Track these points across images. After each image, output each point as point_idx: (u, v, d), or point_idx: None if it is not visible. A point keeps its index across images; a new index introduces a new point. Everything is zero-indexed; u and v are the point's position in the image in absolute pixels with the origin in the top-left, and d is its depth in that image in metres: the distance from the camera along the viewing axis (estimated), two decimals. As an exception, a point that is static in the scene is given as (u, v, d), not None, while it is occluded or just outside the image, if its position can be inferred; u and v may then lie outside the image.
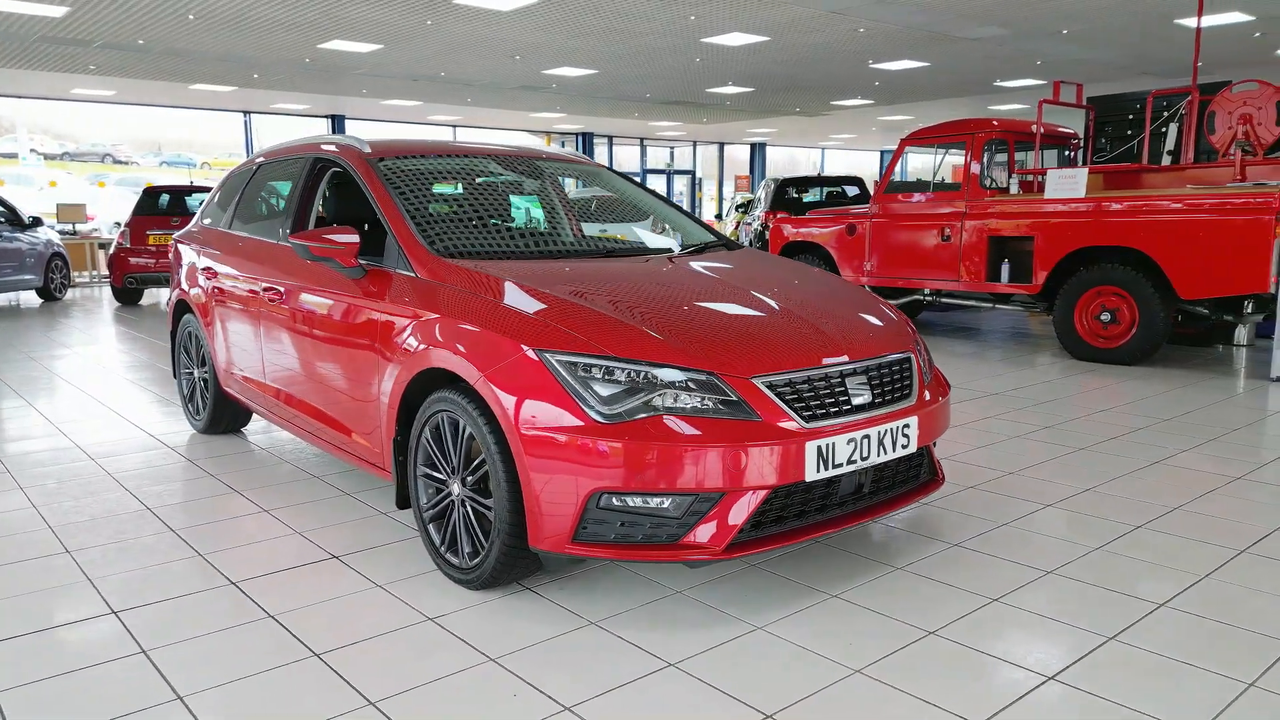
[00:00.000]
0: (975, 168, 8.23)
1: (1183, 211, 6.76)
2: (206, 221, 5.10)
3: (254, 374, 4.22)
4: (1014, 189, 8.29)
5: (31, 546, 3.32)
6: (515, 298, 2.87)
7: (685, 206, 22.83)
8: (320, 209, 4.14)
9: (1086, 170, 7.46)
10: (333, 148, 3.93)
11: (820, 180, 15.13)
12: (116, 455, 4.56)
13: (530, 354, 2.62)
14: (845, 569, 3.06)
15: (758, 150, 32.86)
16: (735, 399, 2.57)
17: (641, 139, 29.58)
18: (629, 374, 2.56)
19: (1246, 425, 5.06)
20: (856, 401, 2.78)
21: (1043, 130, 8.42)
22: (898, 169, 9.00)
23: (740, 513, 2.55)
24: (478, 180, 3.88)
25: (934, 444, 3.18)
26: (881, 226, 8.90)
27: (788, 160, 34.54)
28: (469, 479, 2.85)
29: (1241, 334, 8.22)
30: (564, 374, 2.57)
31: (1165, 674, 2.35)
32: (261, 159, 4.72)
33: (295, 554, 3.23)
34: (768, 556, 3.13)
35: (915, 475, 3.11)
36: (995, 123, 8.40)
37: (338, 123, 23.59)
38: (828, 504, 2.79)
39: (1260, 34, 11.98)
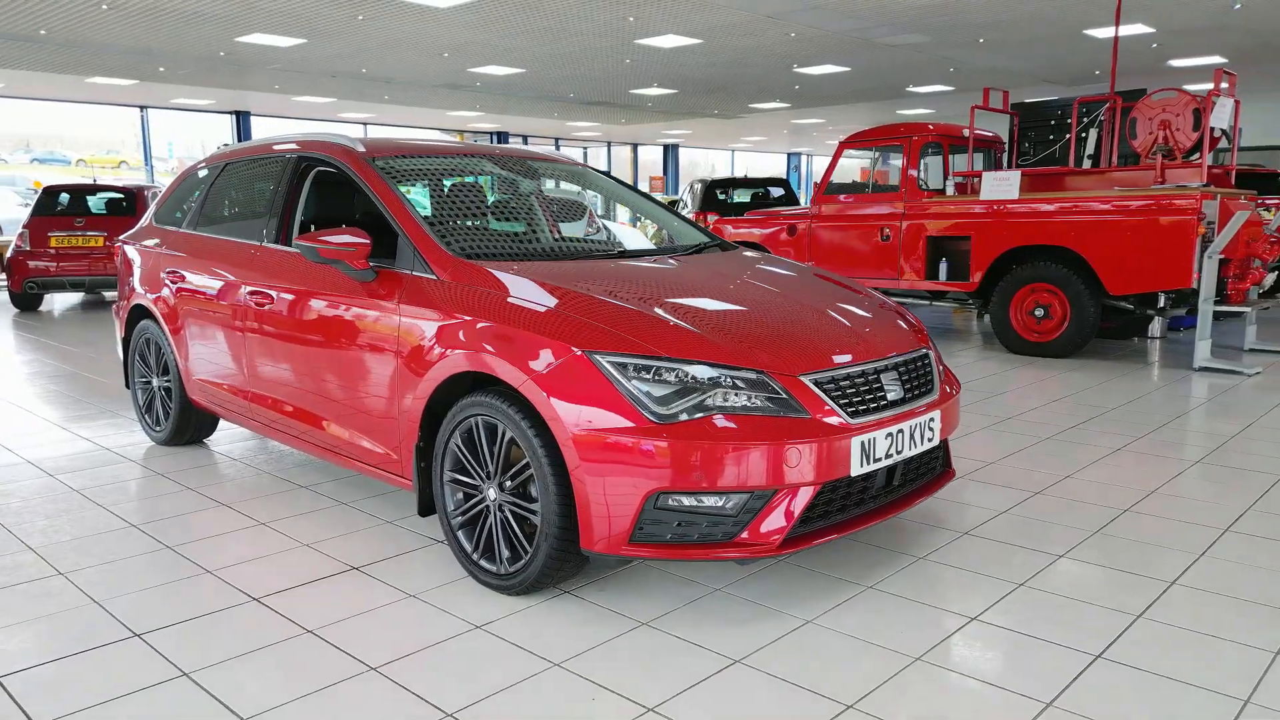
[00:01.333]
0: (913, 170, 8.52)
1: (1112, 212, 7.16)
2: (159, 224, 4.87)
3: (234, 382, 4.05)
4: (950, 191, 8.62)
5: (19, 570, 3.11)
6: (551, 299, 2.84)
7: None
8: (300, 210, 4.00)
9: (1020, 173, 7.81)
10: (321, 147, 3.80)
11: (748, 181, 15.41)
12: (77, 471, 4.30)
13: (580, 356, 2.61)
14: (869, 560, 3.14)
15: (671, 151, 33.16)
16: (785, 397, 2.61)
17: (557, 139, 29.50)
18: (680, 374, 2.58)
19: (1186, 412, 5.40)
20: (890, 397, 2.87)
21: (966, 134, 8.78)
22: (823, 171, 9.24)
23: (794, 509, 2.59)
24: (480, 180, 3.83)
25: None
26: (822, 227, 9.11)
27: (690, 163, 34.88)
28: (507, 483, 2.81)
29: (1156, 327, 8.76)
30: (616, 375, 2.57)
31: (1197, 646, 2.51)
32: (227, 158, 4.54)
33: (311, 567, 3.12)
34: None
35: (933, 467, 3.22)
36: (931, 127, 8.71)
37: (242, 119, 22.74)
38: (864, 498, 2.86)
39: (1156, 45, 12.77)
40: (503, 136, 28.34)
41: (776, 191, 15.10)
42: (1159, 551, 3.21)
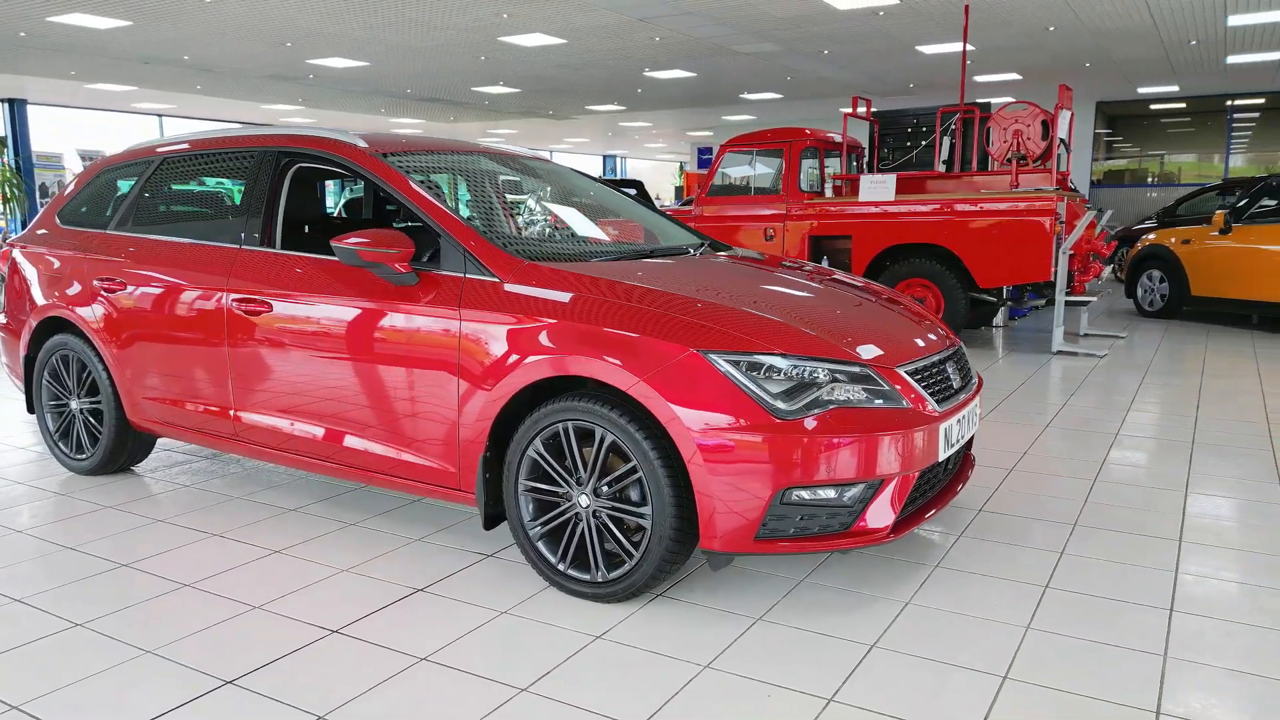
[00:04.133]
0: (795, 173, 8.94)
1: (981, 213, 7.86)
2: (67, 225, 4.32)
3: (210, 400, 3.66)
4: (828, 192, 9.12)
5: (22, 625, 2.69)
6: (641, 300, 2.80)
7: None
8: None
9: (895, 176, 8.40)
10: (312, 142, 3.53)
11: (603, 183, 15.48)
12: (8, 509, 3.75)
13: (697, 356, 2.60)
14: (916, 540, 3.32)
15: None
16: (887, 388, 2.72)
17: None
18: (795, 370, 2.63)
19: (1076, 391, 6.03)
20: (955, 385, 3.05)
21: (837, 139, 9.34)
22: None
23: (900, 495, 2.71)
24: (499, 180, 3.69)
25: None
26: (706, 228, 9.37)
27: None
28: (603, 488, 2.75)
29: (1000, 317, 9.67)
30: (735, 374, 2.58)
31: (1246, 594, 2.86)
32: (162, 152, 4.09)
33: (369, 593, 2.91)
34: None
35: (964, 453, 3.45)
36: (808, 132, 9.18)
37: (17, 107, 20.28)
38: (935, 483, 3.03)
39: (971, 61, 14.06)
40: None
41: (630, 193, 15.30)
42: (1154, 515, 3.61)
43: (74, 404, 4.23)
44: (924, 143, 10.02)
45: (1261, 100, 20.04)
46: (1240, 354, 7.45)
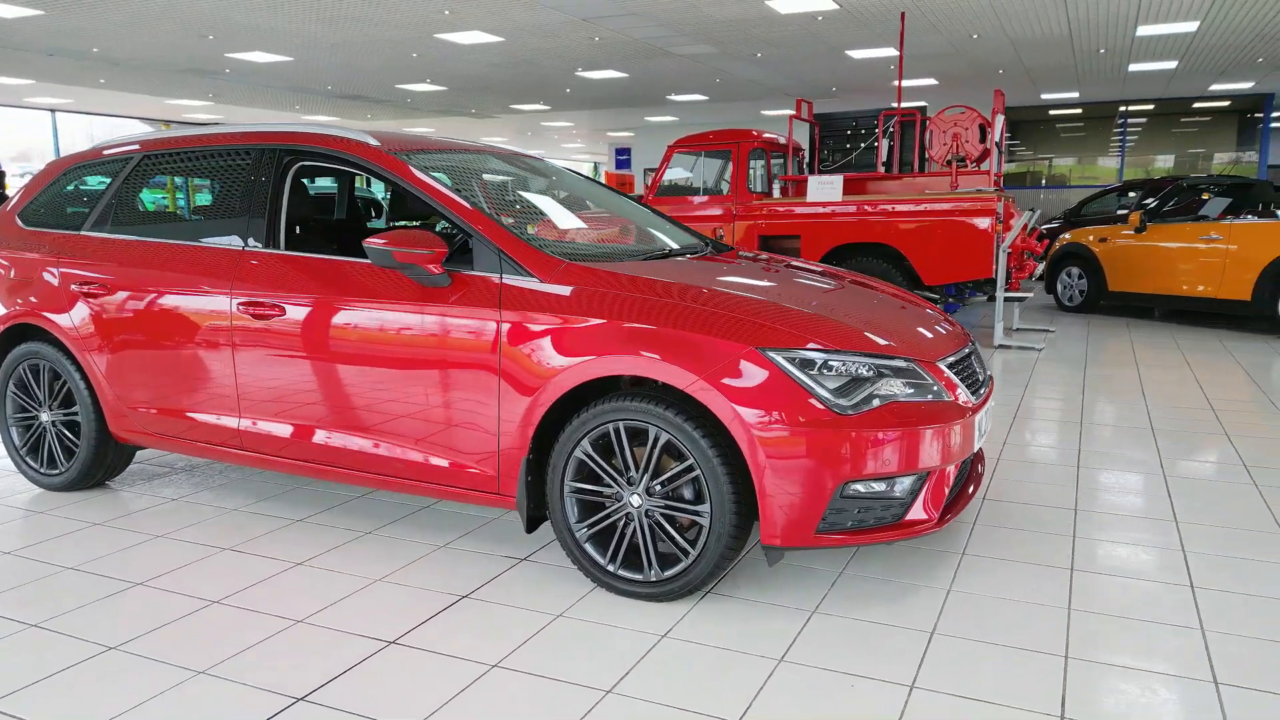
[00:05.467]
0: (743, 174, 9.07)
1: (926, 214, 8.14)
2: (30, 226, 4.07)
3: (212, 408, 3.51)
4: (776, 193, 9.29)
5: (51, 651, 2.53)
6: (693, 298, 2.81)
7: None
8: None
9: (842, 177, 8.62)
10: (321, 140, 3.42)
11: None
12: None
13: (755, 353, 2.63)
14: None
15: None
16: (931, 382, 2.81)
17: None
18: (848, 366, 2.69)
19: (1029, 383, 6.31)
20: (980, 378, 3.17)
21: (782, 141, 9.53)
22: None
23: (943, 486, 2.81)
24: (510, 180, 3.64)
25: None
26: (656, 227, 9.42)
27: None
28: (656, 487, 2.76)
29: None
30: (795, 371, 2.63)
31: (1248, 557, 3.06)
32: (140, 150, 3.90)
33: (413, 602, 2.84)
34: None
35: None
36: (754, 133, 9.33)
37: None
38: (962, 474, 3.15)
39: (892, 66, 14.51)
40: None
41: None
42: (1146, 481, 3.82)
43: (45, 416, 3.99)
44: (863, 145, 10.31)
45: (1150, 106, 21.35)
46: (1162, 346, 7.91)
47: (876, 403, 2.67)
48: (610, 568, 2.85)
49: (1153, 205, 10.65)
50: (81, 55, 13.43)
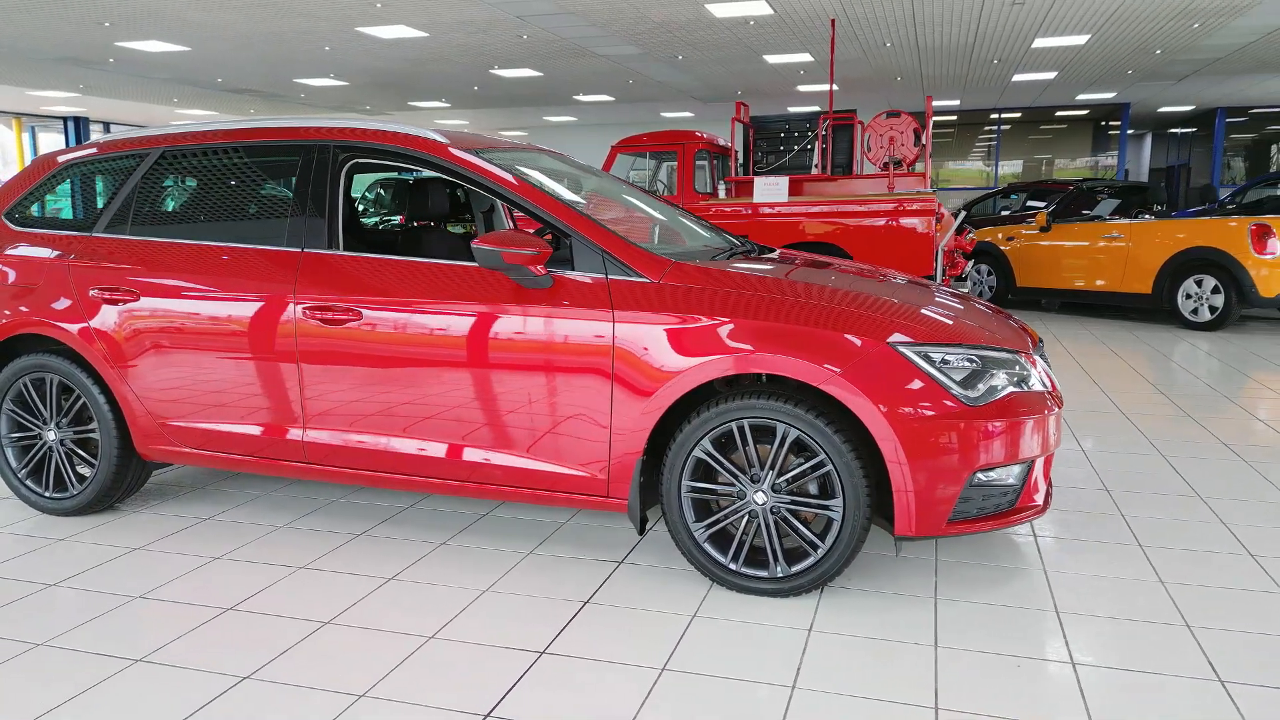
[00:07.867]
0: (689, 174, 9.19)
1: (871, 214, 8.47)
2: (21, 226, 3.74)
3: (267, 420, 3.30)
4: (722, 193, 9.44)
5: (171, 688, 2.34)
6: (814, 296, 2.86)
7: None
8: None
9: (788, 178, 8.85)
10: (389, 137, 3.28)
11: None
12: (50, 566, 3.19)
13: (887, 348, 2.70)
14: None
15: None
16: (1031, 373, 2.95)
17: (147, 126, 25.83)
18: (969, 360, 2.79)
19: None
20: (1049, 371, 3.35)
21: (723, 143, 9.71)
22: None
23: (1045, 471, 2.96)
24: (567, 180, 3.59)
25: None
26: (601, 227, 9.40)
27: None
28: (781, 484, 2.79)
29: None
30: (925, 366, 2.71)
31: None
32: (159, 144, 3.62)
33: (536, 611, 2.77)
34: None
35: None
36: (699, 135, 9.45)
37: None
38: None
39: (803, 71, 14.98)
40: (81, 121, 24.23)
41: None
42: (1142, 461, 4.11)
43: (51, 435, 3.65)
44: (795, 147, 10.60)
45: (1018, 115, 22.83)
46: (1077, 337, 8.50)
47: (998, 394, 2.79)
48: (732, 566, 2.86)
49: (1054, 209, 11.42)
50: (-54, 40, 12.23)
